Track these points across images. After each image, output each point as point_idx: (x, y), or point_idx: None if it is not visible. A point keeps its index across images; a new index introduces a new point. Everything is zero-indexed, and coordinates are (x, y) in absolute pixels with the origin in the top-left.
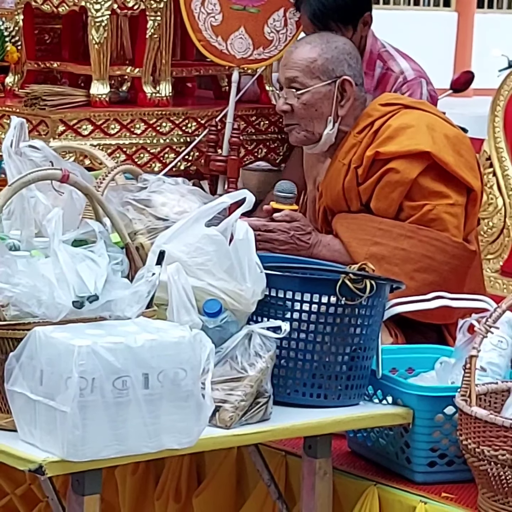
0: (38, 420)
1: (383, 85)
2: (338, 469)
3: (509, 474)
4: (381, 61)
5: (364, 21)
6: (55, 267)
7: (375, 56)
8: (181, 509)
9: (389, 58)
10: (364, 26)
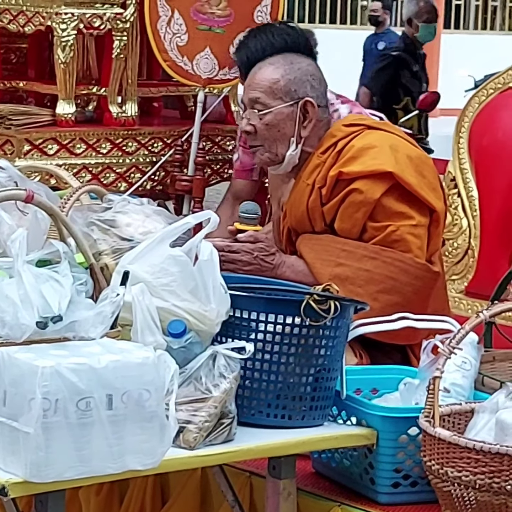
0: (1, 441)
1: None
2: (303, 489)
3: (472, 495)
4: None
5: None
6: (19, 288)
7: None
8: None
9: None
10: None
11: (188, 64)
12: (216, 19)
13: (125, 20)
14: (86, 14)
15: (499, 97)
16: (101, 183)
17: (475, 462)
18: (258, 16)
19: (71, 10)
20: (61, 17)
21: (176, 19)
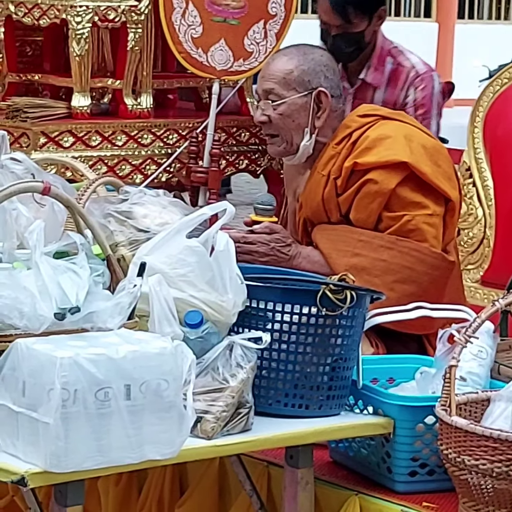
0: (21, 432)
1: (395, 80)
2: (320, 479)
3: (489, 483)
4: (391, 57)
5: (379, 15)
6: (37, 279)
7: (385, 52)
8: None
9: (399, 54)
10: (378, 20)
11: (202, 55)
12: (231, 11)
13: (140, 12)
14: (101, 6)
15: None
16: (116, 175)
17: (492, 451)
18: (273, 8)
19: (86, 3)
20: (76, 9)
21: (190, 10)
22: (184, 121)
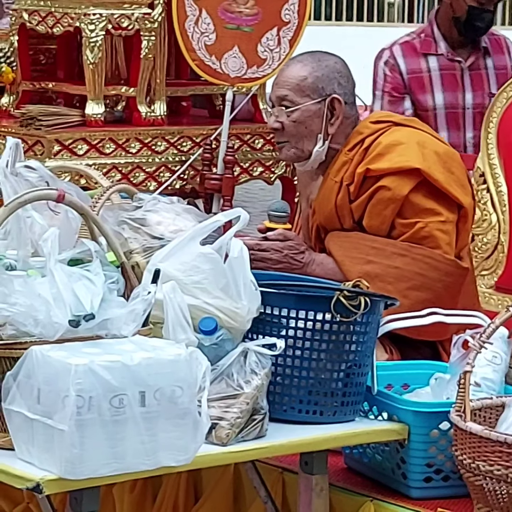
0: (36, 439)
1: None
2: (335, 485)
3: (504, 489)
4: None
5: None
6: (51, 287)
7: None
8: None
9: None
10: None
11: (216, 63)
12: (244, 18)
13: (153, 20)
14: (114, 14)
15: None
16: (130, 182)
17: (507, 456)
18: (286, 14)
19: (99, 10)
20: (89, 17)
21: (204, 18)
22: (198, 128)
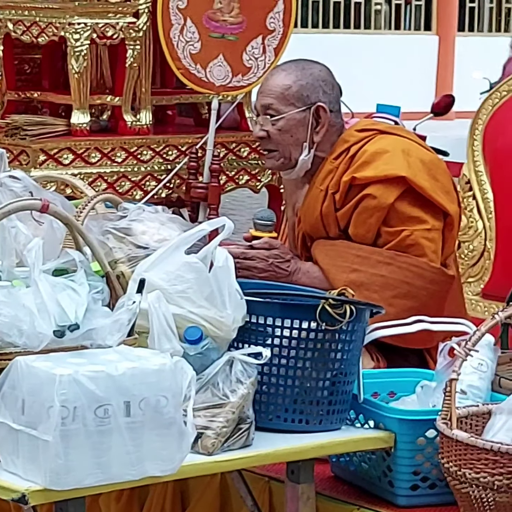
0: (21, 450)
1: None
2: (321, 493)
3: (490, 496)
4: None
5: None
6: (36, 297)
7: None
8: None
9: None
10: None
11: (201, 71)
12: (229, 26)
13: (138, 29)
14: (99, 23)
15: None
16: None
17: (493, 464)
18: (271, 23)
19: (84, 20)
20: (74, 27)
21: (188, 27)
22: (184, 137)
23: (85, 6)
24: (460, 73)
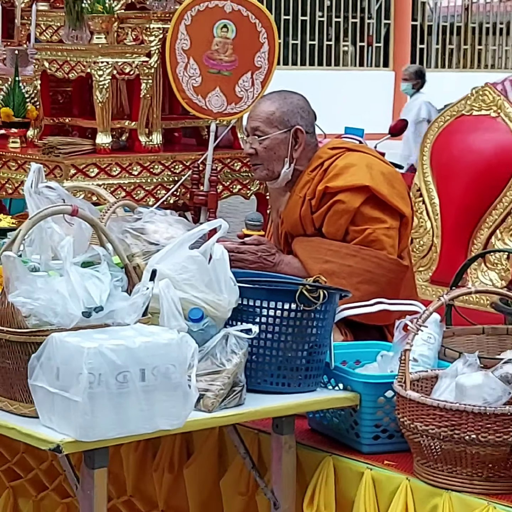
0: (56, 409)
1: None
2: (300, 443)
3: (437, 444)
4: None
5: None
6: (67, 284)
7: None
8: (174, 479)
9: None
10: None
11: (202, 101)
12: (224, 64)
13: (150, 66)
14: (118, 62)
15: (454, 123)
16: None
17: (439, 418)
18: (258, 61)
19: (106, 59)
20: (98, 65)
21: (191, 64)
22: (188, 154)
23: (107, 48)
24: None
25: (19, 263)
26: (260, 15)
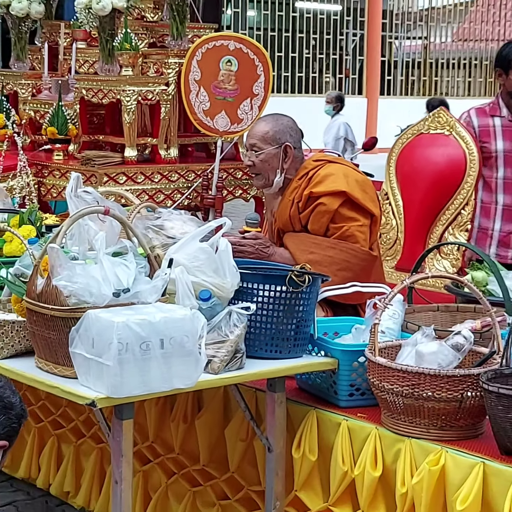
0: (91, 371)
1: None
2: (290, 399)
3: (400, 400)
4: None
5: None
6: (101, 270)
7: None
8: (187, 428)
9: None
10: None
11: (210, 122)
12: (228, 92)
13: (168, 94)
14: (142, 90)
15: (415, 139)
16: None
17: (402, 379)
18: (256, 89)
19: (132, 88)
20: (126, 92)
21: (201, 92)
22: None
23: (133, 78)
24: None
25: (62, 253)
26: (258, 52)
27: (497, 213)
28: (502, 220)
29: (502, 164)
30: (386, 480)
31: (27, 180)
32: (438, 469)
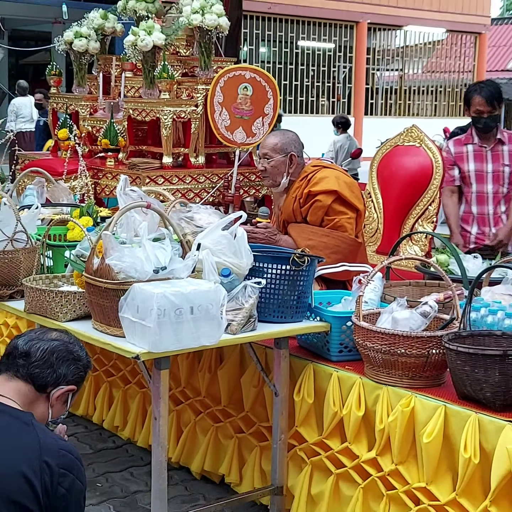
0: (136, 331)
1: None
2: (292, 354)
3: (380, 356)
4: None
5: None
6: (143, 252)
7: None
8: (211, 377)
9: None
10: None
11: (230, 135)
12: (245, 112)
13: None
14: (177, 110)
15: (392, 150)
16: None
17: (381, 339)
18: (266, 110)
19: (169, 108)
20: (164, 112)
21: (223, 112)
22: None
23: (170, 101)
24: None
25: (113, 239)
26: (268, 80)
27: (474, 220)
28: (478, 225)
29: (474, 181)
30: (368, 418)
31: (86, 181)
32: (409, 410)
